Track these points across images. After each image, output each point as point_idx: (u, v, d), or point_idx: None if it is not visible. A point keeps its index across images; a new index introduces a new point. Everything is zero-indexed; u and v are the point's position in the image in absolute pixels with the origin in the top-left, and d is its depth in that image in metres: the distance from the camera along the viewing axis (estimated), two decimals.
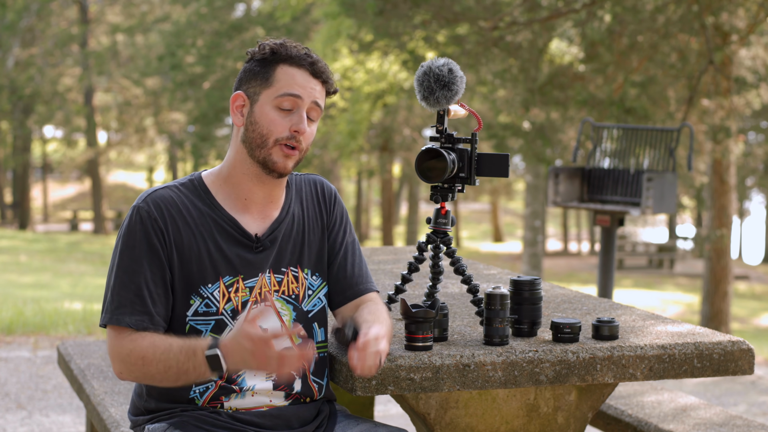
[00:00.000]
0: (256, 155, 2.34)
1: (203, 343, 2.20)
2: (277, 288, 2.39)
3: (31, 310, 8.92)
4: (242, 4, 26.36)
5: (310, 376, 2.43)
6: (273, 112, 2.33)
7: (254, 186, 2.38)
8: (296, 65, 2.34)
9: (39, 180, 39.44)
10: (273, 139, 2.32)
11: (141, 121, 31.71)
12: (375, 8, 10.80)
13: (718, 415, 3.52)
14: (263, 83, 2.33)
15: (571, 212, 34.02)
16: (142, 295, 2.29)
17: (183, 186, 2.39)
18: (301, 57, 2.34)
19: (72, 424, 5.26)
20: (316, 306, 2.45)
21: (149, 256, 2.30)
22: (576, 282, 22.37)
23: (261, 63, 2.35)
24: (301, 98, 2.33)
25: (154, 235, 2.30)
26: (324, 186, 2.53)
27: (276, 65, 2.34)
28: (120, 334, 2.28)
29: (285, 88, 2.32)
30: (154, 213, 2.31)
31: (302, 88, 2.33)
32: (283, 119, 2.33)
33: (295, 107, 2.33)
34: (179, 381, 2.24)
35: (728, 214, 12.27)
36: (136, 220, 2.31)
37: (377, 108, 19.11)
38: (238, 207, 2.38)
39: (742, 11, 10.03)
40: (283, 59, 2.34)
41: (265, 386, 2.37)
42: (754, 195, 35.69)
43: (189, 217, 2.34)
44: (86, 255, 22.74)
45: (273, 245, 2.39)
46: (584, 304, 3.07)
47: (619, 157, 6.26)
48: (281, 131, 2.32)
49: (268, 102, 2.33)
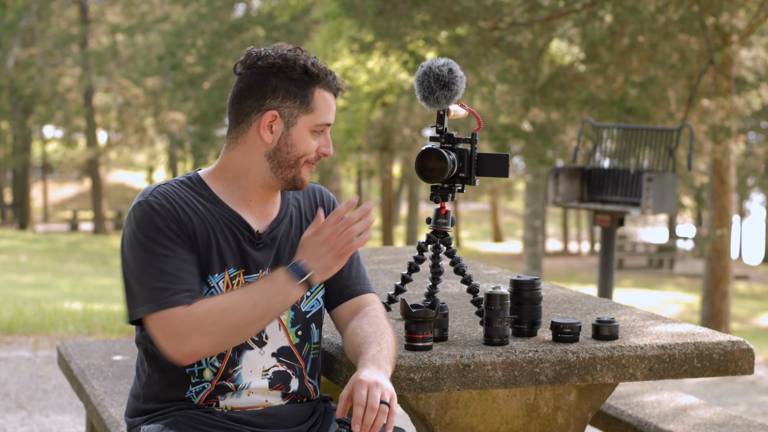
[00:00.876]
0: (284, 174, 2.38)
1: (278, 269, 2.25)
2: None
3: (31, 310, 8.92)
4: (242, 4, 26.36)
5: (307, 377, 2.44)
6: (309, 136, 2.38)
7: (261, 190, 2.41)
8: (328, 89, 2.39)
9: (39, 180, 39.44)
10: (305, 159, 2.38)
11: (141, 121, 31.71)
12: (375, 9, 10.81)
13: (718, 415, 3.51)
14: (303, 107, 2.36)
15: (571, 212, 34.02)
16: (180, 276, 2.26)
17: (182, 183, 2.39)
18: (329, 82, 2.38)
19: (72, 424, 5.26)
20: (314, 307, 2.47)
21: (176, 240, 2.29)
22: (576, 282, 22.37)
23: (298, 84, 2.35)
24: (330, 125, 2.41)
25: (171, 221, 2.30)
26: (323, 193, 2.57)
27: (314, 89, 2.36)
28: (173, 316, 2.22)
29: (323, 117, 2.38)
30: (165, 203, 2.31)
31: (331, 114, 2.40)
32: (314, 140, 2.39)
33: (325, 130, 2.41)
34: (266, 316, 2.24)
35: (728, 214, 12.27)
36: (147, 212, 2.29)
37: (377, 108, 19.12)
38: (240, 204, 2.40)
39: (742, 11, 10.03)
40: (318, 82, 2.37)
41: (261, 385, 2.38)
42: (755, 195, 35.70)
43: (195, 209, 2.35)
44: (86, 255, 22.75)
45: (273, 244, 2.41)
46: (584, 304, 3.07)
47: (619, 157, 6.26)
48: (311, 152, 2.39)
49: (306, 127, 2.37)
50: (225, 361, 2.35)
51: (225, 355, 2.34)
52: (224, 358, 2.35)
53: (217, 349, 2.26)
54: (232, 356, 2.35)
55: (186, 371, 2.35)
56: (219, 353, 2.31)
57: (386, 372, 2.21)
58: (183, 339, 2.22)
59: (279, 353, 2.39)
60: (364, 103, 18.57)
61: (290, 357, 2.41)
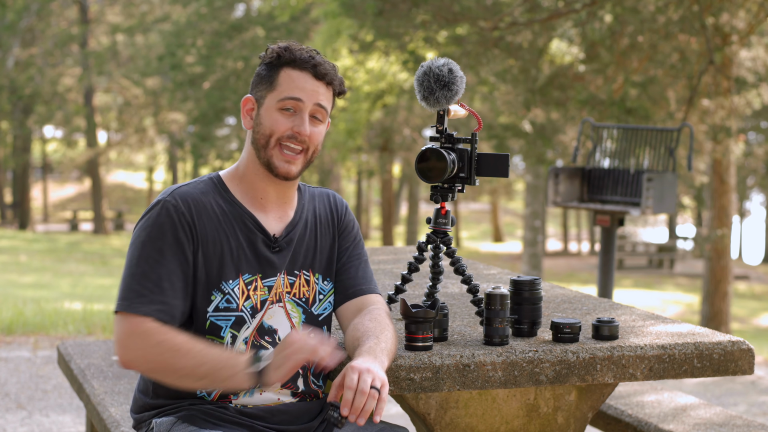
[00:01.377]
0: (261, 156, 2.39)
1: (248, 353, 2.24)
2: (289, 290, 2.43)
3: (31, 310, 8.92)
4: (242, 4, 26.36)
5: (311, 377, 2.46)
6: (276, 114, 2.38)
7: (267, 186, 2.42)
8: (299, 68, 2.39)
9: (39, 180, 39.44)
10: (275, 139, 2.37)
11: (141, 121, 31.72)
12: (374, 9, 10.81)
13: (718, 415, 3.51)
14: (268, 87, 2.39)
15: (571, 212, 34.02)
16: (162, 286, 2.29)
17: (203, 184, 2.43)
18: (304, 60, 2.39)
19: (72, 424, 5.26)
20: (326, 310, 2.49)
21: (174, 249, 2.32)
22: (576, 282, 22.37)
23: (268, 67, 2.41)
24: (302, 101, 2.37)
25: (181, 228, 2.32)
26: (337, 198, 2.59)
27: (280, 69, 2.39)
28: (137, 323, 2.26)
29: (286, 91, 2.37)
30: (182, 207, 2.34)
31: (303, 91, 2.37)
32: (285, 119, 2.38)
33: (298, 109, 2.38)
34: (205, 379, 2.23)
35: (728, 214, 12.27)
36: (162, 213, 2.33)
37: (376, 108, 19.12)
38: (255, 206, 2.43)
39: (742, 12, 10.03)
40: (287, 63, 2.39)
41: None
42: (754, 195, 35.70)
43: (213, 213, 2.37)
44: (86, 255, 22.75)
45: (289, 247, 2.43)
46: (584, 304, 3.07)
47: (619, 157, 6.26)
48: (283, 130, 2.37)
49: (272, 105, 2.38)
50: None
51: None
52: None
53: (151, 376, 2.30)
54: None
55: None
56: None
57: (381, 363, 2.22)
58: (128, 349, 2.26)
59: None
60: (364, 103, 18.57)
61: None
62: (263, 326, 2.39)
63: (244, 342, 2.37)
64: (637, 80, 10.70)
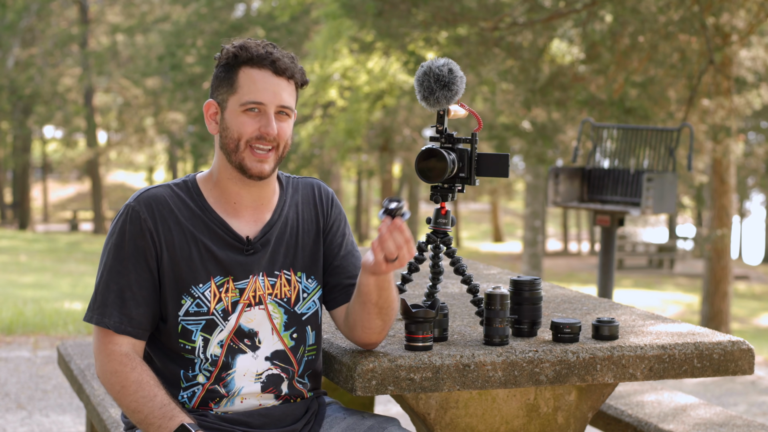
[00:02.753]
0: (232, 160, 2.36)
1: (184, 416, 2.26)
2: (271, 291, 2.40)
3: (31, 310, 8.92)
4: (242, 4, 26.37)
5: (297, 378, 2.44)
6: (241, 116, 2.34)
7: (240, 190, 2.39)
8: (257, 66, 2.34)
9: (39, 180, 39.44)
10: (244, 141, 2.34)
11: (141, 121, 31.72)
12: (374, 9, 10.80)
13: (718, 415, 3.51)
14: (229, 89, 2.35)
15: (571, 212, 34.02)
16: (124, 297, 2.31)
17: (177, 186, 2.40)
18: (261, 57, 2.33)
19: (72, 424, 5.26)
20: (311, 309, 2.46)
21: (135, 257, 2.32)
22: (576, 282, 22.37)
23: (225, 68, 2.36)
24: (264, 104, 2.34)
25: (141, 236, 2.32)
26: (321, 189, 2.53)
27: (238, 69, 2.34)
28: (105, 336, 2.33)
29: (247, 95, 2.33)
30: (144, 213, 2.33)
31: (264, 92, 2.33)
32: (251, 120, 2.34)
33: (262, 110, 2.34)
34: (138, 424, 2.30)
35: (728, 214, 12.27)
36: (125, 220, 2.34)
37: (376, 108, 19.11)
38: (228, 211, 2.39)
39: (742, 11, 10.02)
40: (244, 61, 2.34)
41: (254, 389, 2.38)
42: (755, 195, 35.69)
43: (181, 217, 2.36)
44: (86, 255, 22.74)
45: (265, 248, 2.40)
46: (584, 304, 3.07)
47: (619, 157, 6.26)
48: (251, 132, 2.33)
49: (235, 108, 2.34)
50: (218, 365, 2.35)
51: (218, 360, 2.35)
52: (218, 362, 2.35)
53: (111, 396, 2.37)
54: (225, 360, 2.35)
55: (180, 373, 2.36)
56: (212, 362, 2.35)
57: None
58: (96, 360, 2.35)
59: (273, 357, 2.39)
60: (364, 103, 18.57)
61: (285, 360, 2.41)
62: (242, 329, 2.36)
63: (219, 345, 2.34)
64: (638, 80, 10.69)
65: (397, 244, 2.20)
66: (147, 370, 2.30)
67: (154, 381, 2.29)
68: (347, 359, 2.39)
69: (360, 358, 2.36)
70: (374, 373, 2.32)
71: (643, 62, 10.45)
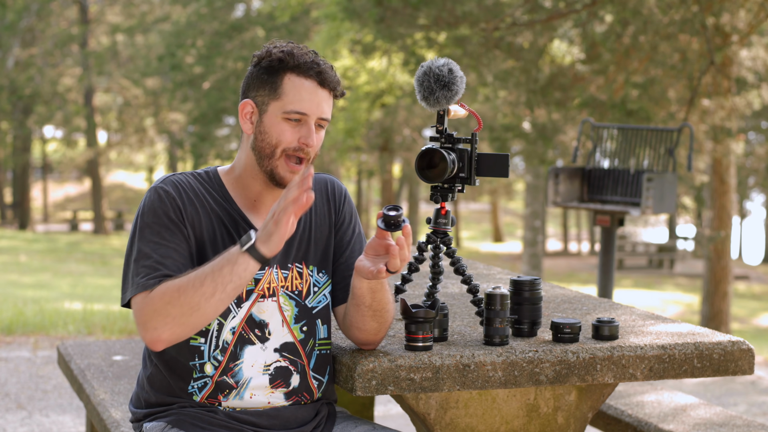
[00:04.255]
0: (264, 165, 2.36)
1: (235, 246, 2.20)
2: (283, 283, 2.41)
3: (31, 310, 8.92)
4: (242, 4, 26.36)
5: (310, 372, 2.44)
6: (282, 124, 2.34)
7: (263, 190, 2.40)
8: (304, 75, 2.33)
9: (39, 180, 39.43)
10: (281, 150, 2.34)
11: (141, 121, 31.71)
12: (376, 16, 10.80)
13: (718, 415, 3.51)
14: (271, 94, 2.34)
15: (571, 212, 34.02)
16: (164, 263, 2.27)
17: (199, 176, 2.42)
18: (308, 66, 2.33)
19: (72, 424, 5.26)
20: (321, 303, 2.46)
21: (170, 228, 2.30)
22: (576, 282, 22.37)
23: (268, 71, 2.35)
24: (308, 115, 2.34)
25: (172, 210, 2.31)
26: (335, 185, 2.54)
27: (283, 74, 2.33)
28: (147, 297, 2.23)
29: (292, 104, 2.32)
30: (173, 192, 2.33)
31: (310, 104, 2.33)
32: (292, 129, 2.34)
33: (304, 120, 2.34)
34: (217, 291, 2.17)
35: (728, 214, 12.27)
36: (155, 198, 2.32)
37: (376, 108, 19.11)
38: (248, 205, 2.41)
39: (742, 12, 10.02)
40: (290, 68, 2.33)
41: (262, 382, 2.38)
42: (755, 195, 35.69)
43: (205, 202, 2.37)
44: (86, 255, 22.74)
45: None
46: (584, 304, 3.07)
47: (619, 157, 6.26)
48: (290, 142, 2.33)
49: (277, 114, 2.34)
50: (227, 354, 2.35)
51: (227, 349, 2.35)
52: (226, 351, 2.35)
53: (177, 333, 2.21)
54: (233, 350, 2.36)
55: (189, 364, 2.36)
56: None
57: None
58: (146, 324, 2.22)
59: (282, 348, 2.40)
60: (364, 102, 18.57)
61: (294, 353, 2.41)
62: (253, 318, 2.37)
63: (231, 331, 2.35)
64: (638, 81, 10.69)
65: (403, 258, 2.21)
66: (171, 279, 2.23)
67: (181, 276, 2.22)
68: (347, 359, 2.39)
69: (360, 358, 2.36)
70: (374, 373, 2.32)
71: (644, 62, 10.45)
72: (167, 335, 2.21)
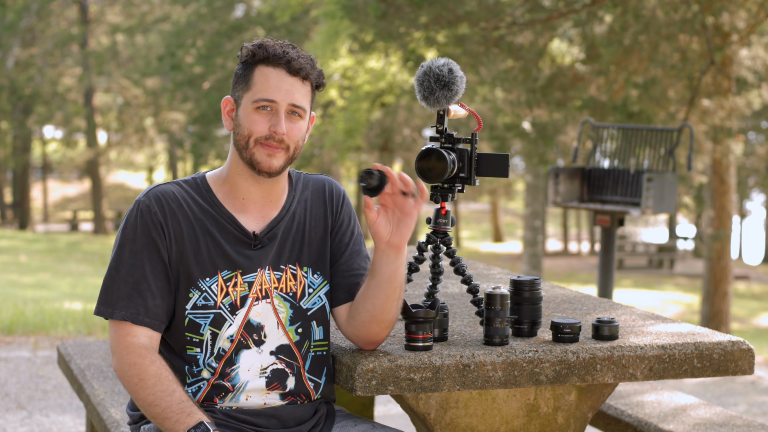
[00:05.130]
0: (243, 156, 2.38)
1: (202, 414, 2.26)
2: (277, 285, 2.41)
3: (31, 310, 8.91)
4: (242, 4, 26.36)
5: (305, 374, 2.44)
6: (253, 114, 2.36)
7: (251, 186, 2.41)
8: (273, 65, 2.36)
9: (39, 180, 39.43)
10: (253, 139, 2.36)
11: (141, 121, 31.72)
12: (377, 12, 10.79)
13: (718, 415, 3.51)
14: (244, 86, 2.38)
15: (571, 212, 34.01)
16: (140, 288, 2.32)
17: (186, 183, 2.43)
18: (277, 56, 2.36)
19: (72, 424, 5.26)
20: (316, 304, 2.46)
21: (149, 249, 2.34)
22: (576, 282, 22.37)
23: (243, 66, 2.40)
24: (276, 102, 2.35)
25: (153, 228, 2.34)
26: (333, 187, 2.54)
27: (255, 67, 2.38)
28: (122, 328, 2.33)
29: (260, 93, 2.35)
30: (154, 207, 2.36)
31: (277, 91, 2.35)
32: (262, 118, 2.36)
33: (273, 108, 2.36)
34: (153, 418, 2.29)
35: (728, 214, 12.27)
36: (136, 215, 2.36)
37: (376, 107, 19.11)
38: (236, 206, 2.42)
39: (742, 11, 10.02)
40: (261, 60, 2.37)
41: (258, 385, 2.38)
42: (755, 195, 35.69)
43: (189, 212, 2.38)
44: (86, 255, 22.74)
45: (272, 242, 2.41)
46: (584, 304, 3.07)
47: (619, 157, 6.26)
48: (261, 131, 2.36)
49: (248, 105, 2.37)
50: (222, 361, 2.36)
51: (223, 356, 2.36)
52: (222, 358, 2.36)
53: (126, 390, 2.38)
54: (230, 356, 2.36)
55: (184, 369, 2.37)
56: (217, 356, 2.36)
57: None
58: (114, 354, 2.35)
59: (278, 351, 2.40)
60: (364, 102, 18.56)
61: (289, 355, 2.41)
62: (250, 323, 2.38)
63: (229, 339, 2.36)
64: (638, 81, 10.69)
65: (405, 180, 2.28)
66: (165, 365, 2.31)
67: (172, 376, 2.30)
68: (347, 359, 2.39)
69: (360, 358, 2.36)
70: (374, 373, 2.32)
71: (644, 63, 10.45)
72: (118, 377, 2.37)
